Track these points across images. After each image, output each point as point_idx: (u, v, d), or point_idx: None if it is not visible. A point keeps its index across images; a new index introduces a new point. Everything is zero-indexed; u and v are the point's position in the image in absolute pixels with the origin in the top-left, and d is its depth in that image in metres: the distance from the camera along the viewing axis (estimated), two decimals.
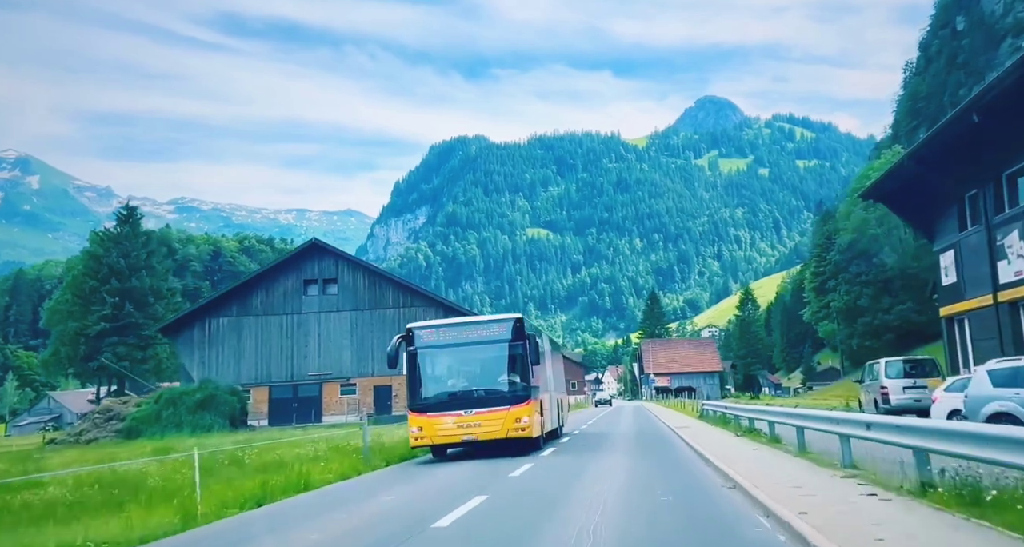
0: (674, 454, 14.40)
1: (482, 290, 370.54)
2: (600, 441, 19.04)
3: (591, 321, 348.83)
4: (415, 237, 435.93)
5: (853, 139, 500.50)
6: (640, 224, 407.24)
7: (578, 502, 8.29)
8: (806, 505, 6.81)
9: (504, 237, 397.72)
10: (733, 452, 12.91)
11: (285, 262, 46.36)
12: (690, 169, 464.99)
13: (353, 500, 10.08)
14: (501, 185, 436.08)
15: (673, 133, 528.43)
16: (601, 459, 13.95)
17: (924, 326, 50.46)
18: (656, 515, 7.31)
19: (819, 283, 72.75)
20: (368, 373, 42.22)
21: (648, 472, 11.46)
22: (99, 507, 9.51)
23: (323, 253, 46.06)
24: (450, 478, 12.09)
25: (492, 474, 11.93)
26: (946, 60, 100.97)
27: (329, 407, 42.26)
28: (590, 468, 12.32)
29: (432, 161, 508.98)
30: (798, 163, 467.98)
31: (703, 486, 9.32)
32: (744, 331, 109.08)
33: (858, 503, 6.88)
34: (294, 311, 43.66)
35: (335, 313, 43.68)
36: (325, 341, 43.43)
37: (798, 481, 8.56)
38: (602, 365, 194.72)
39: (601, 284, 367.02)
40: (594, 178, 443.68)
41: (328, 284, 44.43)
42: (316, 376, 42.76)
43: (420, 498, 9.85)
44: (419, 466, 14.83)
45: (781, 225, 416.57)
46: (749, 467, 10.13)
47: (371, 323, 43.00)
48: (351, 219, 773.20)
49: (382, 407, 41.45)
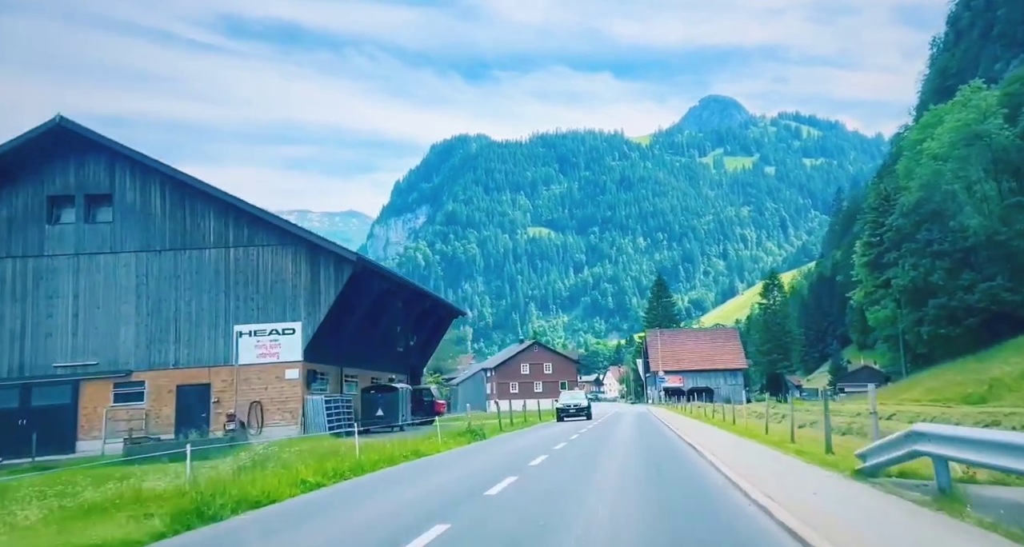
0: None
1: (482, 290, 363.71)
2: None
3: (593, 322, 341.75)
4: (415, 237, 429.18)
5: (861, 137, 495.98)
6: (644, 223, 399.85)
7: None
8: None
9: (505, 236, 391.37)
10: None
11: (10, 158, 25.84)
12: (695, 167, 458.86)
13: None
14: (502, 183, 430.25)
15: (677, 132, 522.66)
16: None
17: (1020, 307, 41.19)
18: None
19: (873, 257, 59.56)
20: (167, 363, 25.75)
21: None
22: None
23: (87, 147, 26.45)
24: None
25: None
26: (979, 33, 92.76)
27: (89, 425, 25.00)
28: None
29: (433, 160, 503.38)
30: (805, 161, 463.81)
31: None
32: (769, 323, 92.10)
33: None
34: (29, 253, 26.15)
35: (108, 255, 26.29)
36: (87, 307, 26.08)
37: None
38: (603, 366, 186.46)
39: (604, 284, 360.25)
40: (597, 176, 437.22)
41: (96, 204, 26.55)
42: (68, 369, 25.64)
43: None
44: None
45: (788, 224, 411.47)
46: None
47: (176, 274, 26.26)
48: (353, 220, 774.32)
49: (189, 419, 24.47)
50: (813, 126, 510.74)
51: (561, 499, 8.90)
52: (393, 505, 9.07)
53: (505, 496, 9.24)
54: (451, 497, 9.38)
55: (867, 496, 7.56)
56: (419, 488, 10.73)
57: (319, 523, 7.95)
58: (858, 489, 8.05)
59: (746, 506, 7.75)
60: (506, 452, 17.99)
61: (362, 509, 8.98)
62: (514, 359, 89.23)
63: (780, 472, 10.56)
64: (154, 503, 8.88)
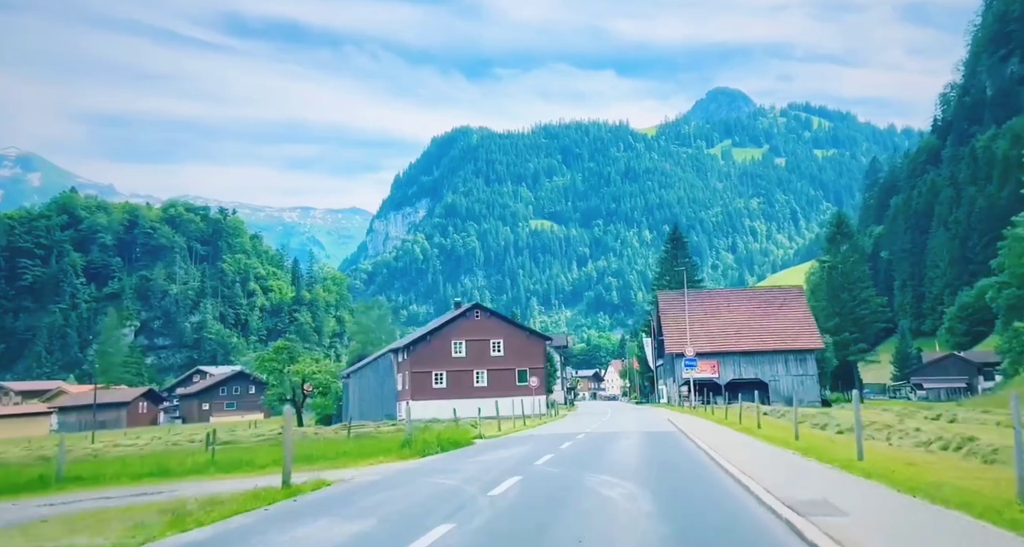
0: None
1: (483, 284, 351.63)
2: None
3: (597, 317, 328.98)
4: (414, 230, 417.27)
5: (873, 128, 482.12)
6: (650, 215, 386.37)
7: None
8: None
9: (506, 229, 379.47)
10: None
11: None
12: (702, 158, 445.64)
13: None
14: (503, 175, 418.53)
15: (684, 123, 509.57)
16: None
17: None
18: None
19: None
20: None
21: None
22: None
23: None
24: None
25: None
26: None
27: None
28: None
29: (433, 152, 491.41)
30: (816, 152, 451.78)
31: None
32: (838, 288, 66.10)
33: None
34: None
35: None
36: None
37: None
38: (605, 361, 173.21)
39: (608, 278, 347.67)
40: (601, 168, 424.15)
41: None
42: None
43: None
44: None
45: (799, 216, 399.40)
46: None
47: None
48: (356, 217, 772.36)
49: None
50: (824, 117, 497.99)
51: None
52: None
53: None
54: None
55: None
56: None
57: None
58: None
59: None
60: None
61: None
62: (440, 333, 53.54)
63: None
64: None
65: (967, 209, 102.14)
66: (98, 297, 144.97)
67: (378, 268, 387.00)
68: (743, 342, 52.37)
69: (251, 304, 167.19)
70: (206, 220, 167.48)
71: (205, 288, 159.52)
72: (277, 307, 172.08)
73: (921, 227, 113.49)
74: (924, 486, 8.53)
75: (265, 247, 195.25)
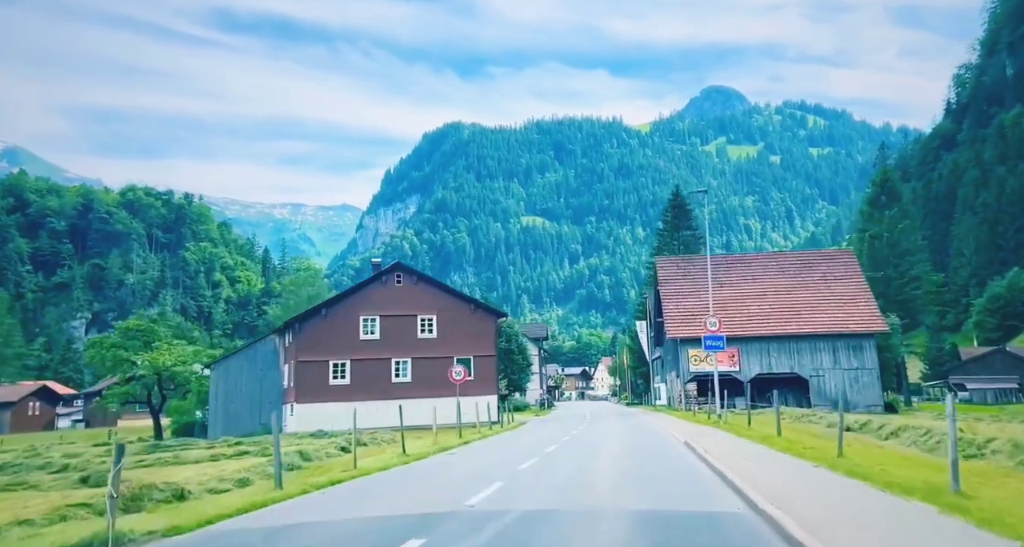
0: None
1: (472, 281, 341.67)
2: None
3: (589, 315, 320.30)
4: (404, 227, 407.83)
5: (869, 127, 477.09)
6: (643, 212, 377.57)
7: None
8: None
9: (497, 225, 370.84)
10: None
11: None
12: (697, 155, 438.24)
13: None
14: (495, 170, 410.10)
15: (679, 119, 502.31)
16: None
17: None
18: None
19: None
20: None
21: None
22: None
23: None
24: None
25: None
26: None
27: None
28: None
29: (424, 148, 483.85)
30: (811, 151, 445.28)
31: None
32: (885, 258, 54.02)
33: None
34: None
35: None
36: None
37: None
38: (596, 359, 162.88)
39: (600, 275, 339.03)
40: (594, 164, 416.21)
41: None
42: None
43: None
44: None
45: (794, 214, 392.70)
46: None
47: None
48: (347, 214, 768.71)
49: None
50: (819, 115, 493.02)
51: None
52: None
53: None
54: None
55: None
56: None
57: None
58: None
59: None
60: None
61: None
62: (341, 305, 38.31)
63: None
64: None
65: (996, 191, 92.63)
66: (45, 287, 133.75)
67: (366, 264, 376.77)
68: (774, 324, 38.97)
69: (216, 296, 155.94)
70: (168, 205, 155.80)
71: (165, 278, 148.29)
72: (245, 299, 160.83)
73: (943, 212, 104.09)
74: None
75: (234, 236, 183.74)
